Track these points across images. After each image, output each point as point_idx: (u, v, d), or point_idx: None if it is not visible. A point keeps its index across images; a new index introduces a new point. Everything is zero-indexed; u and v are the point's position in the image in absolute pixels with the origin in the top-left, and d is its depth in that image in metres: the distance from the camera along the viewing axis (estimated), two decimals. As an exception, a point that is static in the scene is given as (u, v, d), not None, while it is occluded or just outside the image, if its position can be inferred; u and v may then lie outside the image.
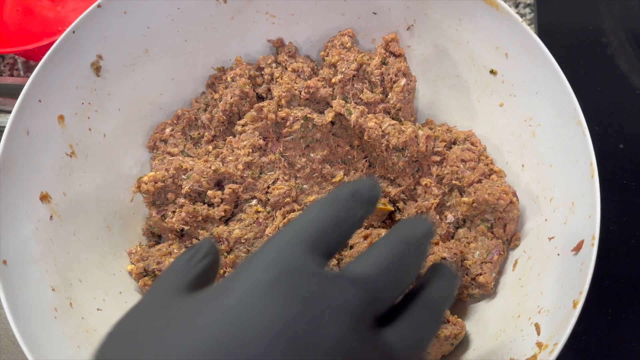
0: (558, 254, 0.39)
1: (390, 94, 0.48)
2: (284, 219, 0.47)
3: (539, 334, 0.36)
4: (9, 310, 0.36)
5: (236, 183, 0.49)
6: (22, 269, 0.39)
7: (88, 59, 0.46)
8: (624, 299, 0.55)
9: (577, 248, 0.37)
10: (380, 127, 0.47)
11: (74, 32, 0.44)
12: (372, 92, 0.49)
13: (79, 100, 0.46)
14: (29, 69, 0.65)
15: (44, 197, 0.43)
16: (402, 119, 0.49)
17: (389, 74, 0.48)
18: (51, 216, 0.43)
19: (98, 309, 0.43)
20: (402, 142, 0.46)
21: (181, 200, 0.48)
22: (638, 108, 0.63)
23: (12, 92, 0.61)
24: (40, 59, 0.42)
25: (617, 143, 0.61)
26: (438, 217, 0.47)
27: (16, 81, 0.63)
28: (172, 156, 0.51)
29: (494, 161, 0.48)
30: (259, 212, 0.49)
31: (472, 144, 0.49)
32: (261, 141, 0.50)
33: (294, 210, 0.49)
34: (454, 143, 0.50)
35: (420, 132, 0.47)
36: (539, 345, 0.35)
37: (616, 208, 0.58)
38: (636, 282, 0.56)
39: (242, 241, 0.47)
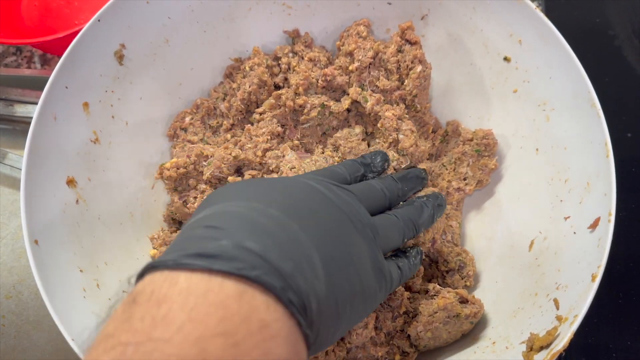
0: (574, 232, 0.40)
1: (406, 81, 0.49)
2: None
3: (558, 308, 0.37)
4: (42, 288, 0.37)
5: (255, 169, 0.50)
6: (52, 249, 0.40)
7: (112, 47, 0.47)
8: (635, 283, 0.56)
9: (594, 225, 0.38)
10: (396, 121, 0.48)
11: (99, 20, 0.45)
12: (388, 79, 0.50)
13: (102, 88, 0.47)
14: (45, 62, 0.66)
15: (70, 182, 0.44)
16: (419, 106, 0.50)
17: (405, 61, 0.49)
18: (77, 200, 0.44)
19: (124, 292, 0.44)
20: (408, 148, 0.47)
21: (202, 186, 0.49)
22: (645, 98, 0.65)
23: (30, 84, 0.62)
24: (57, 51, 0.43)
25: (625, 132, 0.63)
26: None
27: (33, 73, 0.63)
28: (192, 144, 0.52)
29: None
30: None
31: (486, 145, 0.50)
32: (279, 128, 0.51)
33: None
34: (471, 140, 0.50)
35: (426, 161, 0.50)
36: (559, 318, 0.36)
37: (624, 196, 0.59)
38: (645, 267, 0.57)
39: None
